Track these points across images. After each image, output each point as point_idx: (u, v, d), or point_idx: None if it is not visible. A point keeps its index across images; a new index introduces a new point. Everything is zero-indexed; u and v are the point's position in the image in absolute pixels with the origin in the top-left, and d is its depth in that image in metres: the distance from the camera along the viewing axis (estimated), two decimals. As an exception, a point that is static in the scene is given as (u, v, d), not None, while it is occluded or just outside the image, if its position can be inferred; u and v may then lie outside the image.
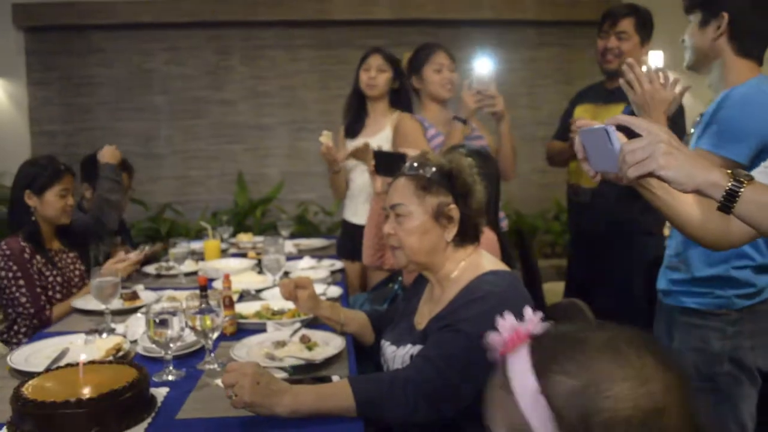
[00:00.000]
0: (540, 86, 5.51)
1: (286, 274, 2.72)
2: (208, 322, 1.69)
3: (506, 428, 0.79)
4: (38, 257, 2.50)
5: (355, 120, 3.14)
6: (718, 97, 1.81)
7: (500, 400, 0.80)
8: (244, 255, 3.33)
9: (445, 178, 1.58)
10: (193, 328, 1.70)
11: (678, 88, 1.79)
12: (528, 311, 0.85)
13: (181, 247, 2.91)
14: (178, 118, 5.45)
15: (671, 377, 0.75)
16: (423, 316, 1.67)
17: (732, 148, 1.70)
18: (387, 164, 2.33)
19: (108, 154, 3.00)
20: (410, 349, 1.58)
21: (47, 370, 1.62)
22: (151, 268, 3.01)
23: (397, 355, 1.62)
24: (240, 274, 2.79)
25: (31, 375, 1.64)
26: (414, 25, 5.37)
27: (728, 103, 1.74)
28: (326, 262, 3.09)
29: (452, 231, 1.58)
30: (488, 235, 2.06)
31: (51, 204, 2.57)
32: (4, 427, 1.38)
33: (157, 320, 1.63)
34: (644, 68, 1.79)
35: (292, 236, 3.85)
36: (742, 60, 1.82)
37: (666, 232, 3.15)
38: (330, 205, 5.20)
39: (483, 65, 2.73)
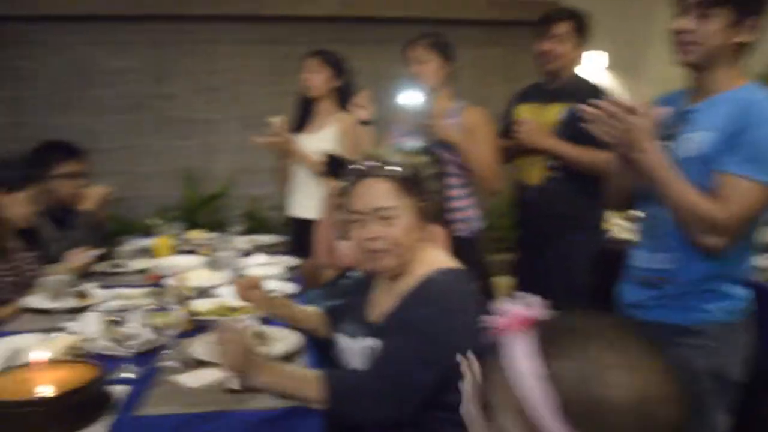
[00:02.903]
0: (488, 85, 5.62)
1: (240, 271, 2.74)
2: (166, 319, 1.70)
3: (508, 410, 0.81)
4: (-9, 257, 2.46)
5: (299, 117, 3.31)
6: (715, 104, 1.71)
7: (501, 382, 0.82)
8: (194, 252, 3.32)
9: (416, 177, 1.63)
10: (150, 326, 1.71)
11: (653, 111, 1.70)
12: (529, 297, 0.87)
13: (129, 244, 2.90)
14: (121, 113, 5.34)
15: (664, 367, 0.79)
16: (376, 309, 1.71)
17: None
18: (338, 168, 2.39)
19: (91, 199, 3.07)
20: (366, 342, 1.62)
21: (3, 369, 1.61)
22: (101, 266, 2.98)
23: (353, 348, 1.66)
24: (192, 271, 2.78)
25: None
26: (360, 22, 5.41)
27: (757, 121, 1.64)
28: (280, 259, 3.11)
29: (423, 230, 1.64)
30: (438, 231, 2.12)
31: (17, 207, 2.53)
32: (-40, 427, 1.37)
33: (114, 318, 1.63)
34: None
35: (244, 233, 3.85)
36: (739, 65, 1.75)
37: (610, 227, 3.28)
38: (281, 200, 5.19)
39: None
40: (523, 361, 0.81)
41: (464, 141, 2.83)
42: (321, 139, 3.15)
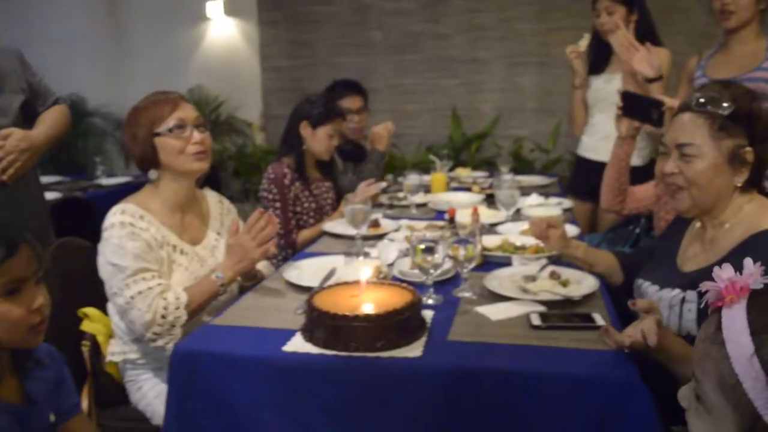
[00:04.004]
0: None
1: (517, 210, 2.75)
2: (469, 252, 1.77)
3: (716, 381, 0.81)
4: (298, 184, 2.75)
5: (597, 58, 3.16)
6: None
7: (711, 353, 0.81)
8: (467, 189, 3.40)
9: (745, 118, 1.47)
10: (452, 257, 1.79)
11: None
12: (748, 262, 0.83)
13: (413, 179, 3.05)
14: (393, 53, 5.59)
15: None
16: (689, 259, 1.60)
17: None
18: (637, 108, 2.24)
19: (378, 137, 3.30)
20: (679, 294, 1.53)
21: (324, 286, 1.79)
22: (383, 198, 3.18)
23: (663, 297, 1.58)
24: (470, 207, 2.85)
25: (304, 289, 1.84)
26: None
27: None
28: (553, 200, 3.06)
29: (743, 176, 1.49)
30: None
31: (320, 140, 2.80)
32: (298, 332, 1.56)
33: (424, 247, 1.73)
34: None
35: (510, 172, 3.85)
36: None
37: None
38: (545, 141, 5.11)
39: None
40: (734, 335, 0.79)
41: None
42: (620, 80, 3.00)
